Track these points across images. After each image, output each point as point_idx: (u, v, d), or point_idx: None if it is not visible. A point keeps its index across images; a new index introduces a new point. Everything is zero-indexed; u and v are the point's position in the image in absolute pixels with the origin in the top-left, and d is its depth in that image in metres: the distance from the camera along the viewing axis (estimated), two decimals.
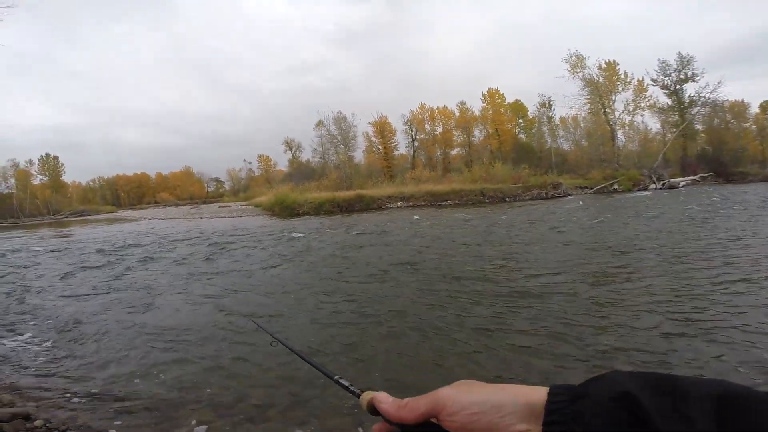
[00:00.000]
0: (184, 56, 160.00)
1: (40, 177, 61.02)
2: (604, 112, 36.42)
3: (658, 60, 37.28)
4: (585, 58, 35.88)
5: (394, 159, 48.47)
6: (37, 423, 2.72)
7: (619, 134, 37.24)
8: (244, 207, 35.14)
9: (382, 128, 47.67)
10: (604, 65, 36.14)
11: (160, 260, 9.75)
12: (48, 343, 4.47)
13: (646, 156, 36.53)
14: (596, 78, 36.01)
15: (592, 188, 28.27)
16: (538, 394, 0.37)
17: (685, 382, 0.33)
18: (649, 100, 37.31)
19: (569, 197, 25.20)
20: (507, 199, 25.20)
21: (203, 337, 4.29)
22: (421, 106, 47.78)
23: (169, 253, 10.98)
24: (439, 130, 47.40)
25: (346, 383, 0.53)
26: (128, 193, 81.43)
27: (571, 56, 36.02)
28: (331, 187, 35.30)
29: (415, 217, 16.74)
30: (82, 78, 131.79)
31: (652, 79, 37.35)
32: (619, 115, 36.59)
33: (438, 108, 47.47)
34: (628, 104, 36.59)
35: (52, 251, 13.24)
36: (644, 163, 33.94)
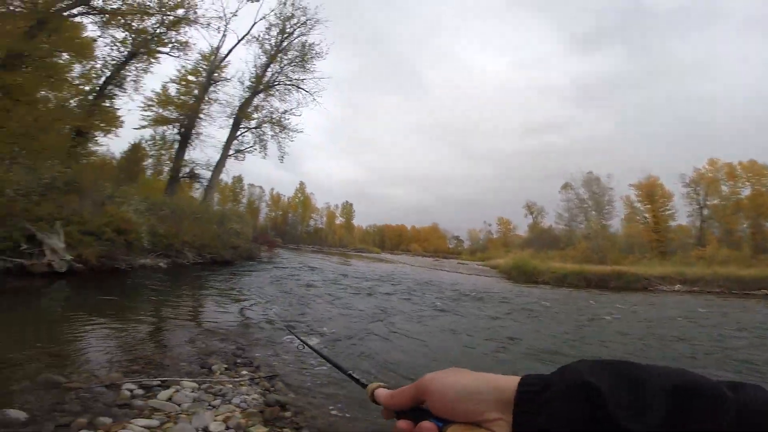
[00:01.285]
0: (433, 124, 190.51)
1: (340, 218, 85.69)
2: None
3: None
4: None
5: (668, 231, 37.94)
6: (287, 414, 3.02)
7: None
8: (480, 267, 36.09)
9: (651, 191, 38.22)
10: None
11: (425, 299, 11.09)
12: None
13: None
14: None
15: None
16: (512, 383, 0.38)
17: (645, 371, 0.34)
18: None
19: None
20: None
21: None
22: (712, 162, 35.89)
23: (427, 296, 12.37)
24: (745, 192, 34.06)
25: (357, 376, 0.59)
26: (390, 240, 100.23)
27: None
28: (577, 258, 31.25)
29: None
30: (369, 142, 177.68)
31: None
32: None
33: (741, 163, 34.45)
34: None
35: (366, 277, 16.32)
36: None
